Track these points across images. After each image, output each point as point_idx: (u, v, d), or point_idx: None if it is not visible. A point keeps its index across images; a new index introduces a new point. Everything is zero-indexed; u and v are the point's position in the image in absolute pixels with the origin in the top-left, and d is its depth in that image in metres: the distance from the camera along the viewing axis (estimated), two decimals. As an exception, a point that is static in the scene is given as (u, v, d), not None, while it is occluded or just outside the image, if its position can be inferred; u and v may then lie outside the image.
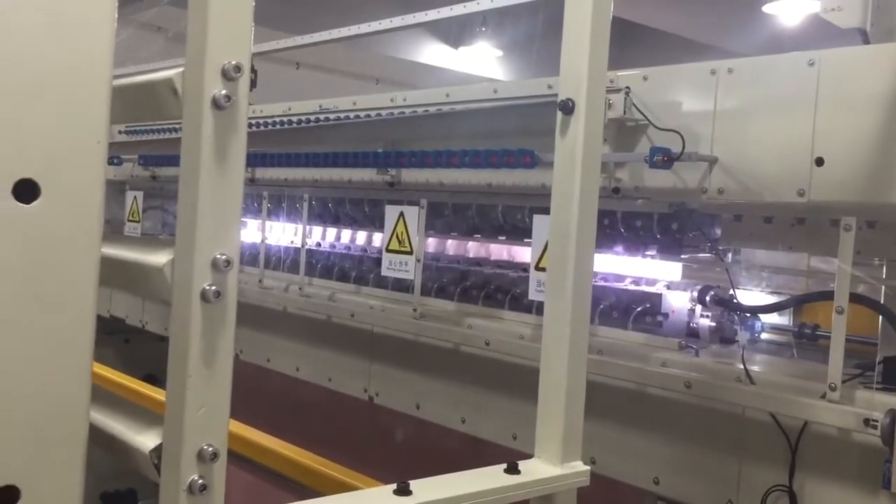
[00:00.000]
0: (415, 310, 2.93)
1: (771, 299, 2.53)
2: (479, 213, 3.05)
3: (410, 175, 3.10)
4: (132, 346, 5.25)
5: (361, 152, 3.09)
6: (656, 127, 2.31)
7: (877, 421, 1.80)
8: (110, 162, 4.71)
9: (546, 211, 2.62)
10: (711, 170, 2.23)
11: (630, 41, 7.10)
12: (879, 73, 1.94)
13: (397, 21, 2.76)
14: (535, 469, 1.40)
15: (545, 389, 1.53)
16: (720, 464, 2.20)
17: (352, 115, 3.19)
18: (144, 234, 4.81)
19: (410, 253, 2.93)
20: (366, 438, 3.47)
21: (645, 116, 2.34)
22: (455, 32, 8.24)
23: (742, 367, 2.16)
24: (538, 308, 2.77)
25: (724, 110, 2.22)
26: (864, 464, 1.91)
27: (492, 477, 1.33)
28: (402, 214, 2.95)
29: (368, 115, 3.13)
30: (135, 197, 4.42)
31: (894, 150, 1.91)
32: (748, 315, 2.49)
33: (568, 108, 1.41)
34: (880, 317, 2.08)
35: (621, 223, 2.62)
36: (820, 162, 2.03)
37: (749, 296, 2.65)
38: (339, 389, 3.35)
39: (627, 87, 2.38)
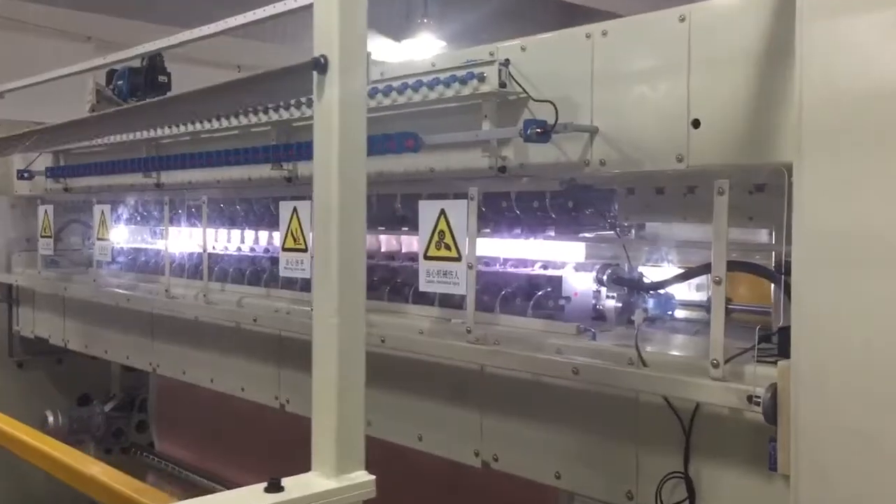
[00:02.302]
0: (311, 309, 2.77)
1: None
2: (379, 204, 2.90)
3: (307, 168, 2.94)
4: (65, 367, 5.07)
5: (257, 147, 2.93)
6: (533, 99, 2.17)
7: (759, 397, 1.67)
8: (20, 176, 4.56)
9: (432, 197, 2.51)
10: (592, 140, 2.09)
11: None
12: (752, 26, 1.80)
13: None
14: (305, 484, 1.25)
15: (317, 391, 1.38)
16: (617, 453, 2.07)
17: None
18: (65, 251, 4.65)
19: (306, 250, 2.78)
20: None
21: (523, 88, 2.20)
22: (396, 25, 8.09)
23: (636, 348, 2.02)
24: (441, 300, 2.63)
25: (602, 76, 2.08)
26: (757, 444, 1.78)
27: (247, 498, 1.17)
28: (295, 210, 2.80)
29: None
30: (45, 211, 4.23)
31: (772, 107, 1.77)
32: (650, 293, 2.35)
33: (321, 65, 1.26)
34: (772, 284, 1.95)
35: (516, 204, 2.48)
36: (696, 124, 1.89)
37: (658, 273, 2.51)
38: (253, 399, 3.20)
39: (506, 59, 2.24)
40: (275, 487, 1.21)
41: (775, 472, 1.66)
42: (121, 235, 4.19)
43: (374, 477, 1.34)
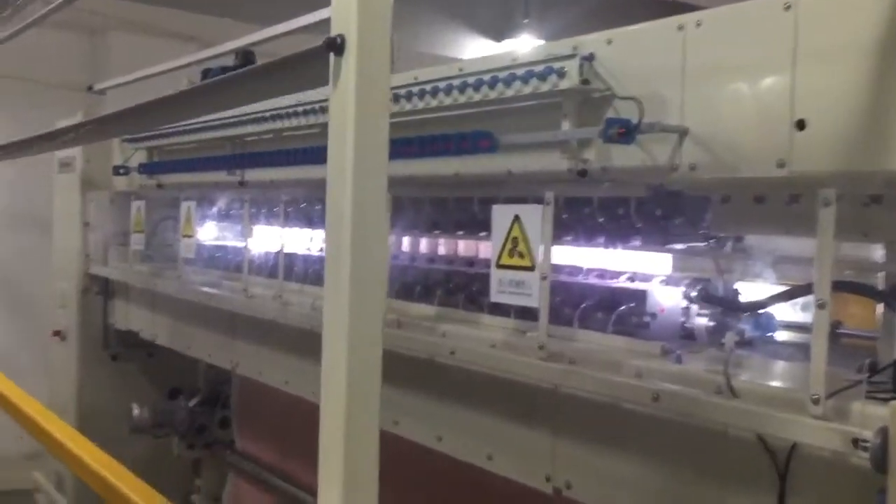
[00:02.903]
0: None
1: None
2: (457, 207, 2.76)
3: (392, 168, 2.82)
4: (156, 361, 5.15)
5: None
6: (617, 96, 1.98)
7: (867, 441, 1.44)
8: (116, 172, 4.64)
9: (509, 200, 2.35)
10: (682, 142, 1.89)
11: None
12: (867, 15, 1.57)
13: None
14: None
15: (325, 422, 1.23)
16: (701, 491, 1.86)
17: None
18: (160, 246, 4.69)
19: (378, 254, 2.66)
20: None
21: (607, 84, 2.01)
22: (496, 25, 7.94)
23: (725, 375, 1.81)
24: (518, 311, 2.47)
25: (695, 71, 1.87)
26: (864, 495, 1.54)
27: None
28: (368, 212, 2.68)
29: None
30: (138, 207, 4.28)
31: (889, 107, 1.54)
32: (745, 313, 2.12)
33: (337, 46, 1.11)
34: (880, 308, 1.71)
35: (598, 211, 2.29)
36: (801, 125, 1.67)
37: (758, 291, 2.28)
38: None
39: (590, 53, 2.06)
40: None
41: (883, 530, 1.43)
42: (209, 232, 4.20)
43: None
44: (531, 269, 2.13)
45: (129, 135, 3.74)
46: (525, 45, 7.99)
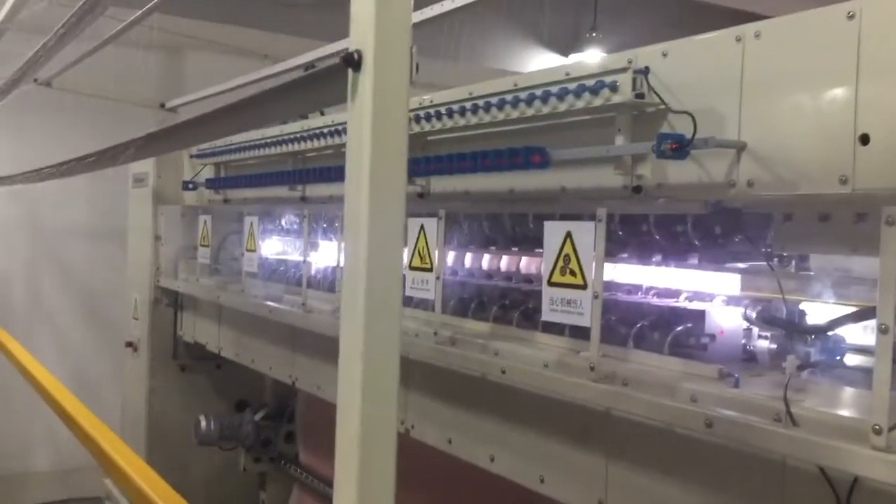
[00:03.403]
0: (435, 333, 2.64)
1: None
2: (514, 222, 2.72)
3: (440, 184, 2.81)
4: (223, 373, 5.24)
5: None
6: (671, 110, 1.92)
7: (935, 478, 1.34)
8: (185, 187, 4.75)
9: (564, 217, 2.30)
10: (740, 158, 1.82)
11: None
12: (938, 21, 1.48)
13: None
14: None
15: (341, 445, 1.20)
16: (758, 523, 1.77)
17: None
18: (228, 260, 4.77)
19: (431, 270, 2.64)
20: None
21: (661, 98, 1.96)
22: (564, 39, 7.87)
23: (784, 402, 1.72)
24: (573, 329, 2.41)
25: (753, 85, 1.80)
26: (933, 533, 1.44)
27: None
28: (422, 228, 2.67)
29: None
30: (205, 221, 4.37)
31: (961, 117, 1.45)
32: (809, 335, 2.02)
33: (354, 62, 1.09)
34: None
35: (655, 228, 2.22)
36: (865, 140, 1.59)
37: (826, 313, 2.17)
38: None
39: (645, 67, 2.00)
40: None
41: (951, 574, 1.33)
42: (273, 247, 4.25)
43: None
44: (583, 287, 2.08)
45: (167, 152, 3.83)
46: (591, 58, 7.90)
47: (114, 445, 2.63)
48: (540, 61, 7.61)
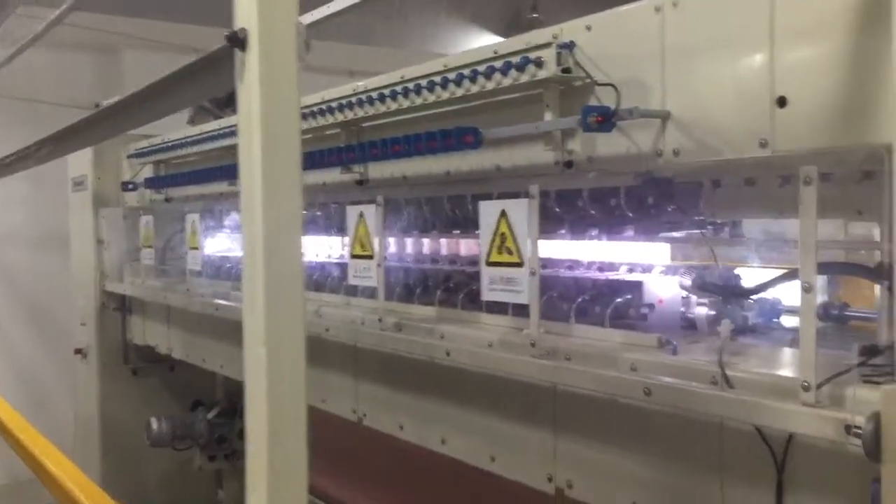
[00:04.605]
0: (380, 320, 2.63)
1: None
2: (454, 205, 2.72)
3: (379, 170, 2.80)
4: (176, 374, 5.17)
5: (324, 150, 2.81)
6: (596, 83, 1.93)
7: (860, 428, 1.37)
8: (125, 188, 4.66)
9: (502, 197, 2.30)
10: (665, 127, 1.83)
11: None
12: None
13: None
14: None
15: (252, 436, 1.19)
16: (700, 486, 1.80)
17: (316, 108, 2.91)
18: (173, 260, 4.69)
19: (373, 257, 2.63)
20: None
21: (586, 72, 1.96)
22: (503, 21, 7.87)
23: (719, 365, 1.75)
24: (516, 308, 2.42)
25: (673, 54, 1.82)
26: (864, 484, 1.47)
27: None
28: (362, 215, 2.66)
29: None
30: (147, 222, 4.30)
31: (868, 80, 1.47)
32: (748, 299, 2.06)
33: (239, 41, 1.07)
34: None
35: (589, 203, 2.23)
36: (782, 102, 1.61)
37: (761, 275, 2.20)
38: (331, 411, 3.09)
39: (570, 41, 2.01)
40: None
41: (880, 520, 1.36)
42: (219, 244, 4.20)
43: None
44: (520, 265, 2.09)
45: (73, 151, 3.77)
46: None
47: (50, 456, 2.57)
48: (480, 42, 7.62)
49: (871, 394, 1.44)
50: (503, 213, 2.11)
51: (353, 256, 2.73)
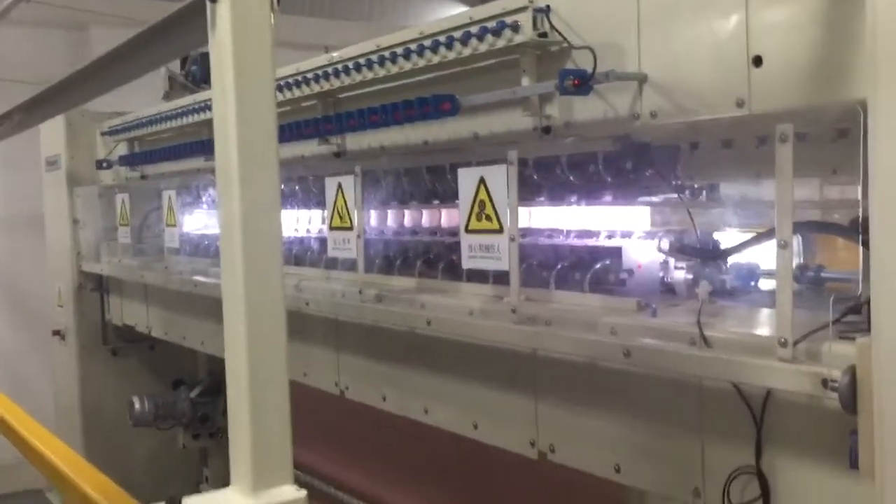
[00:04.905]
0: (360, 291, 2.63)
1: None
2: (433, 176, 2.71)
3: (356, 142, 2.78)
4: (157, 354, 5.14)
5: (300, 122, 2.78)
6: (573, 46, 1.92)
7: (836, 381, 1.39)
8: (99, 166, 4.61)
9: (481, 165, 2.30)
10: (642, 90, 1.83)
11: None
12: (820, -61, 1.50)
13: None
14: (214, 502, 1.07)
15: (232, 393, 1.19)
16: (681, 446, 1.82)
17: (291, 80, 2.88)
18: (151, 238, 4.65)
19: (352, 228, 2.62)
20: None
21: (562, 36, 1.95)
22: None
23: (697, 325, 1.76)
24: (496, 277, 2.42)
25: (649, 16, 1.81)
26: (841, 436, 1.49)
27: None
28: (340, 186, 2.64)
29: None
30: (122, 200, 4.25)
31: (843, 37, 1.47)
32: (725, 262, 2.07)
33: None
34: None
35: (568, 169, 2.24)
36: (758, 62, 1.61)
37: (739, 238, 2.21)
38: (314, 384, 3.09)
39: (546, 5, 2.00)
40: None
41: (857, 469, 1.38)
42: (196, 221, 4.16)
43: (304, 493, 1.15)
44: (499, 231, 2.09)
45: (45, 119, 3.73)
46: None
47: (45, 441, 2.55)
48: (449, 13, 7.57)
49: (848, 349, 1.45)
50: (482, 181, 2.11)
51: (332, 228, 2.71)
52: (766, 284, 2.22)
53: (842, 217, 1.96)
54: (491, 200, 2.09)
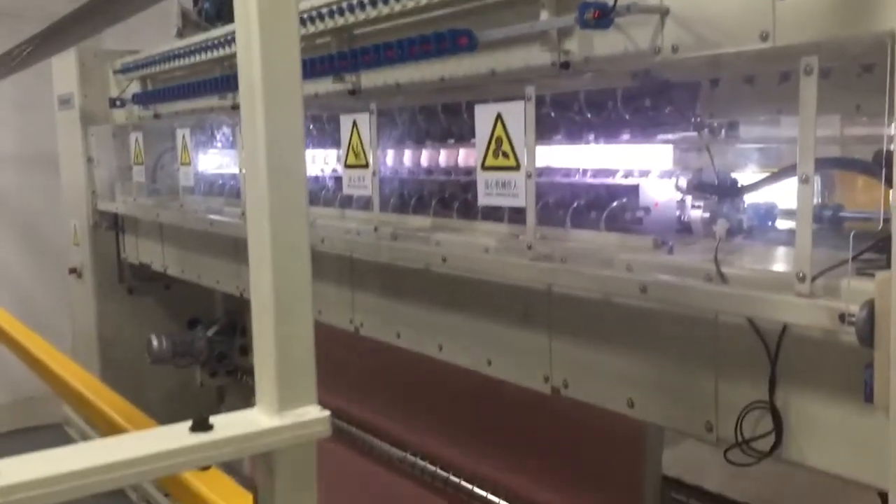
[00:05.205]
0: (376, 229, 2.63)
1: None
2: (449, 114, 2.69)
3: (371, 79, 2.76)
4: (172, 293, 5.20)
5: (314, 58, 2.76)
6: (593, -22, 1.89)
7: (853, 316, 1.39)
8: (112, 105, 4.60)
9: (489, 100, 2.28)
10: (663, 23, 1.80)
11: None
12: None
13: None
14: (240, 422, 1.09)
15: (255, 310, 1.20)
16: (695, 381, 1.83)
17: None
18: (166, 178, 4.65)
19: (367, 166, 2.62)
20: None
21: (583, -33, 1.91)
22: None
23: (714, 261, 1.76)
24: (512, 215, 2.42)
25: (673, -55, 1.77)
26: (855, 371, 1.50)
27: (169, 437, 1.03)
28: (355, 124, 2.63)
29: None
30: (136, 139, 4.25)
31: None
32: (743, 201, 2.06)
33: None
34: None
35: (586, 106, 2.21)
36: (784, -8, 1.58)
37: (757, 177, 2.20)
38: (329, 322, 3.12)
39: (566, -64, 1.96)
40: (201, 426, 1.07)
41: (871, 403, 1.39)
42: (211, 161, 4.16)
43: (327, 413, 1.17)
44: (516, 168, 2.08)
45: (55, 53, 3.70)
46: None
47: (67, 369, 2.60)
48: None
49: (866, 285, 1.45)
50: (499, 117, 2.09)
51: (347, 166, 2.71)
52: (784, 224, 2.21)
53: (864, 156, 1.95)
54: (508, 137, 2.08)
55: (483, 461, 3.09)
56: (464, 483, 3.10)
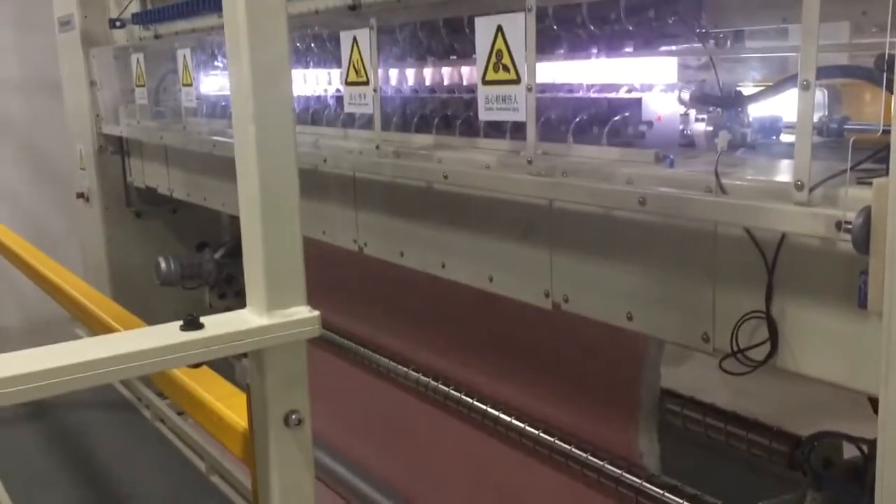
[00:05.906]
0: (377, 147, 2.62)
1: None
2: (449, 30, 2.65)
3: (371, -6, 2.71)
4: (180, 216, 5.22)
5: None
6: None
7: (850, 223, 1.39)
8: (112, 25, 4.54)
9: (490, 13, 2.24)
10: (667, -72, 1.76)
11: None
12: None
13: None
14: (229, 321, 1.11)
15: (243, 211, 1.21)
16: (693, 293, 1.85)
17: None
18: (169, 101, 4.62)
19: (368, 83, 2.59)
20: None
21: None
22: None
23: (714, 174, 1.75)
24: (514, 132, 2.40)
25: None
26: (850, 279, 1.51)
27: (159, 335, 1.05)
28: (355, 40, 2.60)
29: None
30: (137, 60, 4.21)
31: None
32: (746, 114, 2.03)
33: None
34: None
35: (588, 18, 2.17)
36: None
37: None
38: (332, 242, 3.14)
39: None
40: (192, 325, 1.09)
41: (865, 309, 1.41)
42: (214, 83, 4.12)
43: (317, 313, 1.19)
44: (517, 82, 2.05)
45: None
46: None
47: (82, 291, 2.64)
48: None
49: (865, 193, 1.44)
50: (499, 29, 2.06)
51: (348, 84, 2.69)
52: (788, 138, 2.19)
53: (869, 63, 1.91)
54: (508, 50, 2.05)
55: (484, 376, 3.15)
56: (464, 397, 3.17)
